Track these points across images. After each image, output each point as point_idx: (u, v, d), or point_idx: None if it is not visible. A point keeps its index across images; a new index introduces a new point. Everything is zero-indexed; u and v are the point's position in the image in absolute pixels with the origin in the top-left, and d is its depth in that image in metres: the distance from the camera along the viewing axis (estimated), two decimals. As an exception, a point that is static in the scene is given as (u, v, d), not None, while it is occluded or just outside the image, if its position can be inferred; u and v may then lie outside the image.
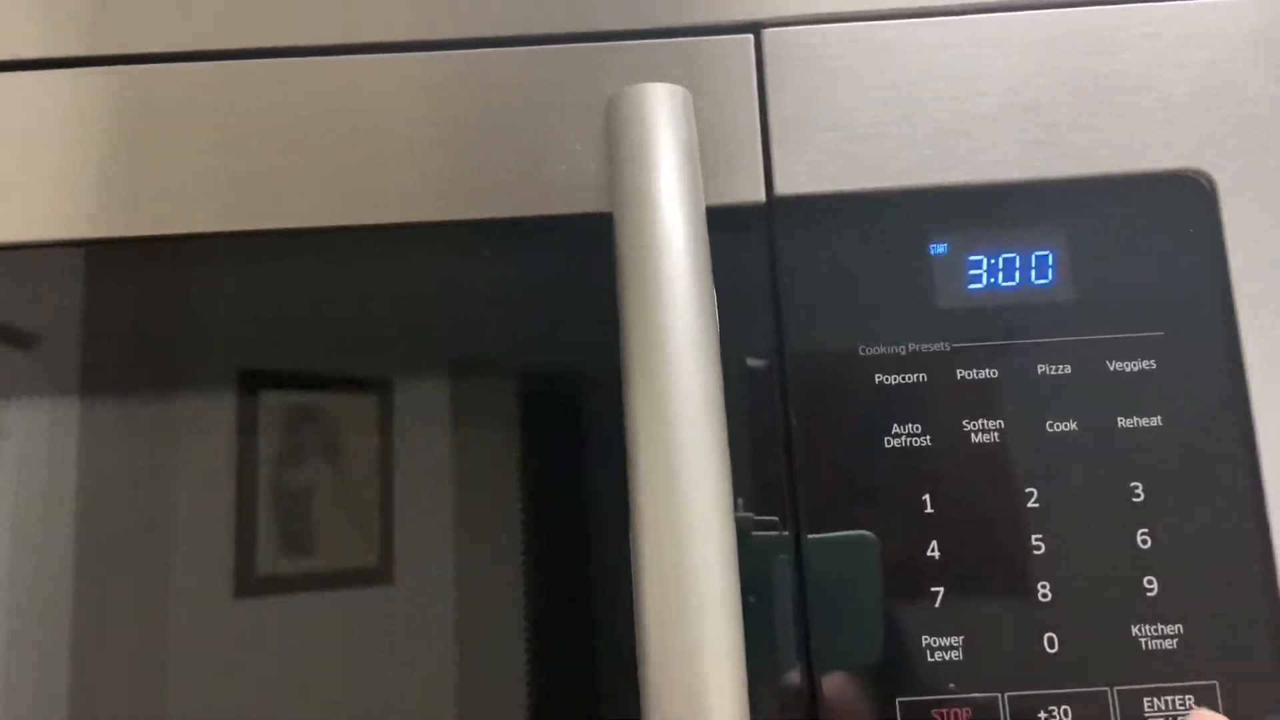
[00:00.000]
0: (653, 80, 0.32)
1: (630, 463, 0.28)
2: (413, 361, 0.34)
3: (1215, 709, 0.30)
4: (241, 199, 0.34)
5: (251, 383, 0.33)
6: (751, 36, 0.35)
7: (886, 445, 0.32)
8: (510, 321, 0.34)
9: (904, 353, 0.33)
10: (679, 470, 0.27)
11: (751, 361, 0.32)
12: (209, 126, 0.35)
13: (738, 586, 0.27)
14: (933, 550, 0.32)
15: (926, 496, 0.32)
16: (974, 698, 0.30)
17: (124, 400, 0.34)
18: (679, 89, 0.32)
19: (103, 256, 0.35)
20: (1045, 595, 0.31)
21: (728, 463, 0.28)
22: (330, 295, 0.34)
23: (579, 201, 0.34)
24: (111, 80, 0.35)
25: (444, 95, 0.35)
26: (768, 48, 0.35)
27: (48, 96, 0.35)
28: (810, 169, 0.34)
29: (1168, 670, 0.31)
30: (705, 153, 0.32)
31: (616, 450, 0.28)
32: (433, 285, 0.34)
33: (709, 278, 0.29)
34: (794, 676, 0.31)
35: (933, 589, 0.31)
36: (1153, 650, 0.31)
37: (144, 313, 0.34)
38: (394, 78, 0.35)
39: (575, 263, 0.34)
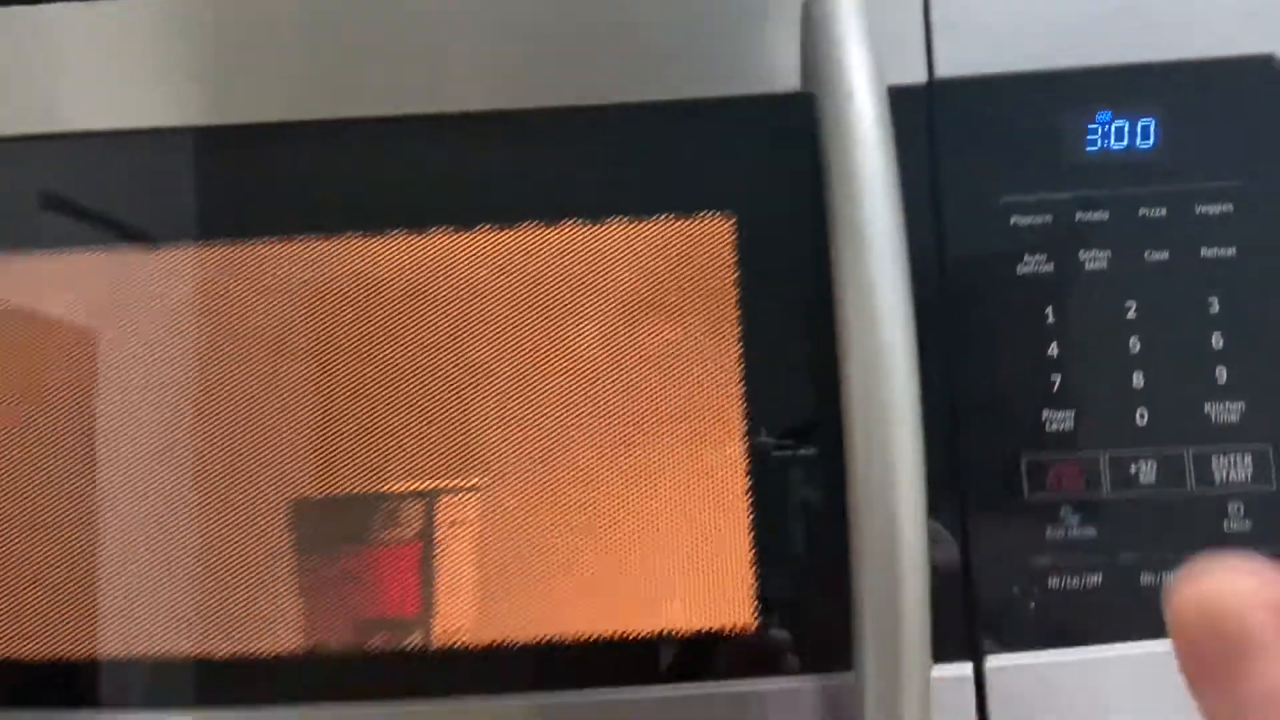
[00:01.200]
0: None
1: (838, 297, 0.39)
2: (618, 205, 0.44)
3: (1267, 467, 0.41)
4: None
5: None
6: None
7: (1019, 272, 0.42)
8: (718, 183, 0.44)
9: (1033, 200, 0.42)
10: (878, 282, 0.38)
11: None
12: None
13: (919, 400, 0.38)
14: (1051, 350, 0.42)
15: (1049, 309, 0.42)
16: (1081, 455, 0.41)
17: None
18: (862, -6, 0.41)
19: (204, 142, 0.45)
20: (1139, 384, 0.42)
21: (909, 279, 0.38)
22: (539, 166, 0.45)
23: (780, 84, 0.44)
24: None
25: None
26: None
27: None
28: (961, 57, 0.43)
29: (1231, 436, 0.41)
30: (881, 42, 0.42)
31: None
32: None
33: (892, 143, 0.39)
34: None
35: (1051, 376, 0.42)
36: (1220, 422, 0.41)
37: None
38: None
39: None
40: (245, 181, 0.45)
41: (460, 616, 0.42)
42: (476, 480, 0.43)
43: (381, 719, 0.42)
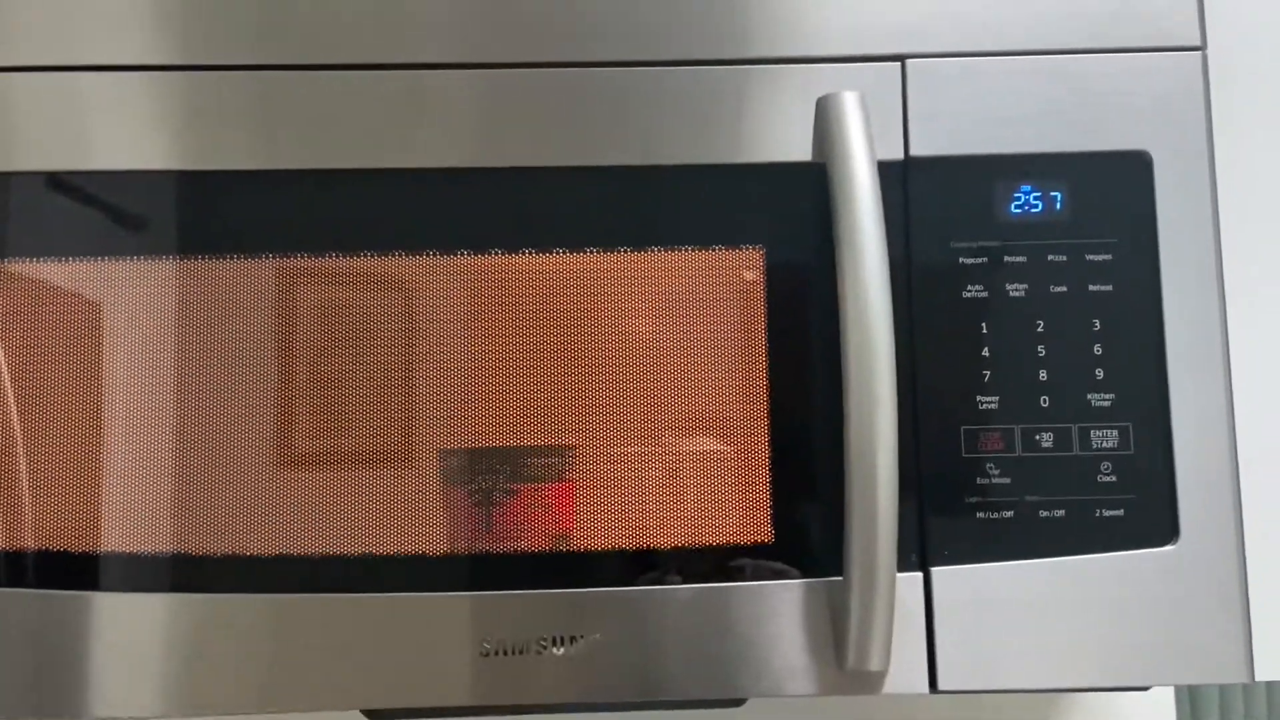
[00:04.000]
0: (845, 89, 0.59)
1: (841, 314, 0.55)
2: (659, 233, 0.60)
3: (1128, 438, 0.58)
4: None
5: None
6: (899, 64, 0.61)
7: (963, 296, 0.60)
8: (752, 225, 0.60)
9: (975, 246, 0.60)
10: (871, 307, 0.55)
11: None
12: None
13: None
14: (985, 352, 0.59)
15: (984, 323, 0.59)
16: (1002, 427, 0.58)
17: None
18: (861, 95, 0.58)
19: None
20: (1044, 378, 0.59)
21: (889, 303, 0.55)
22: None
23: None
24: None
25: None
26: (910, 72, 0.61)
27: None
28: (928, 141, 0.60)
29: (1104, 417, 0.58)
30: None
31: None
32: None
33: (880, 201, 0.56)
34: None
35: (983, 371, 0.59)
36: (1097, 406, 0.59)
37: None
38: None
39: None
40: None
41: (586, 535, 0.58)
42: (571, 439, 0.59)
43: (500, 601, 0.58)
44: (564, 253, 0.60)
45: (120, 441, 0.59)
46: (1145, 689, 0.61)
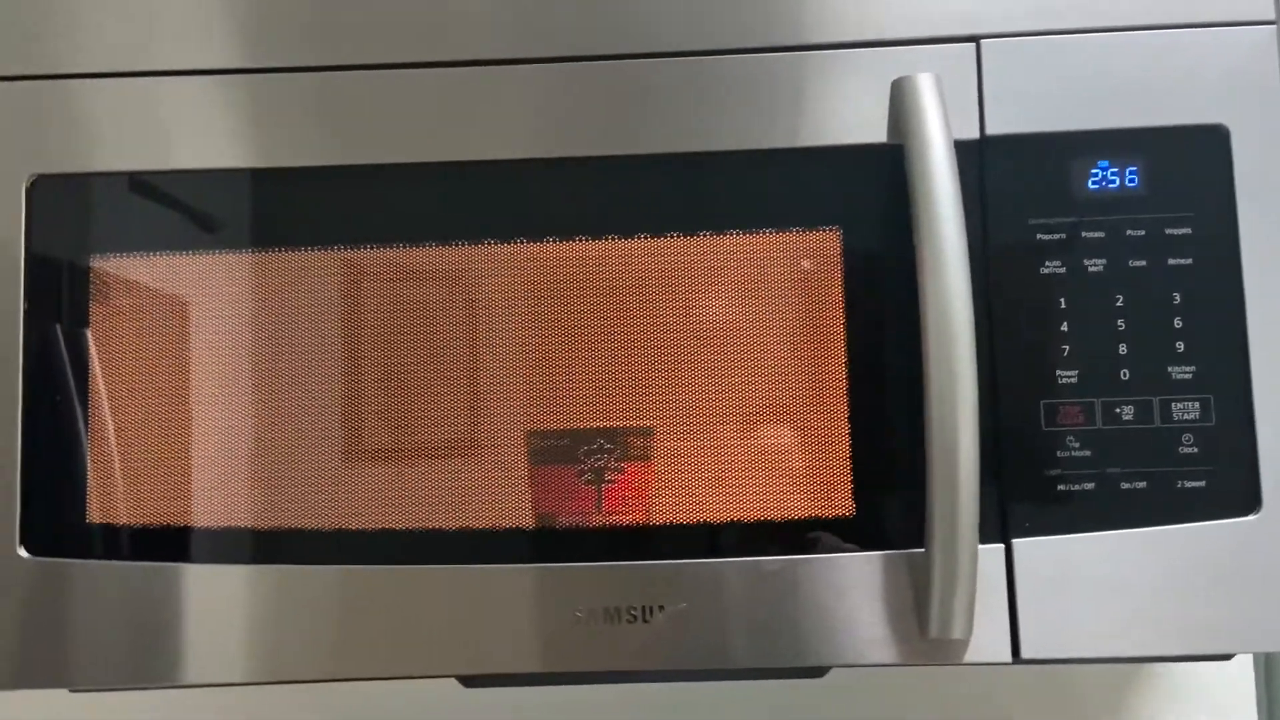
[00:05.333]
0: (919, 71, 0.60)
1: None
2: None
3: (1209, 410, 0.59)
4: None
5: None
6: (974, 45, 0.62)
7: (1041, 273, 0.60)
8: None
9: (1052, 223, 0.61)
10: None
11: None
12: None
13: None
14: (1063, 327, 0.60)
15: (1062, 299, 0.60)
16: (1081, 400, 0.59)
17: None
18: (937, 76, 0.59)
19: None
20: (1123, 352, 0.60)
21: (969, 281, 0.56)
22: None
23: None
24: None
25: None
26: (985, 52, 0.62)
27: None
28: (1004, 120, 0.61)
29: (1185, 389, 0.59)
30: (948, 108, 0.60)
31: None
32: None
33: (958, 181, 0.57)
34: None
35: (1062, 346, 0.60)
36: (1178, 379, 0.59)
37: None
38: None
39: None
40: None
41: (662, 509, 0.60)
42: (656, 420, 0.61)
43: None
44: (646, 238, 0.62)
45: (205, 424, 0.62)
46: (1226, 658, 0.62)
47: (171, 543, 0.62)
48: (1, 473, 0.61)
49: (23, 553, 0.61)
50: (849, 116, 0.62)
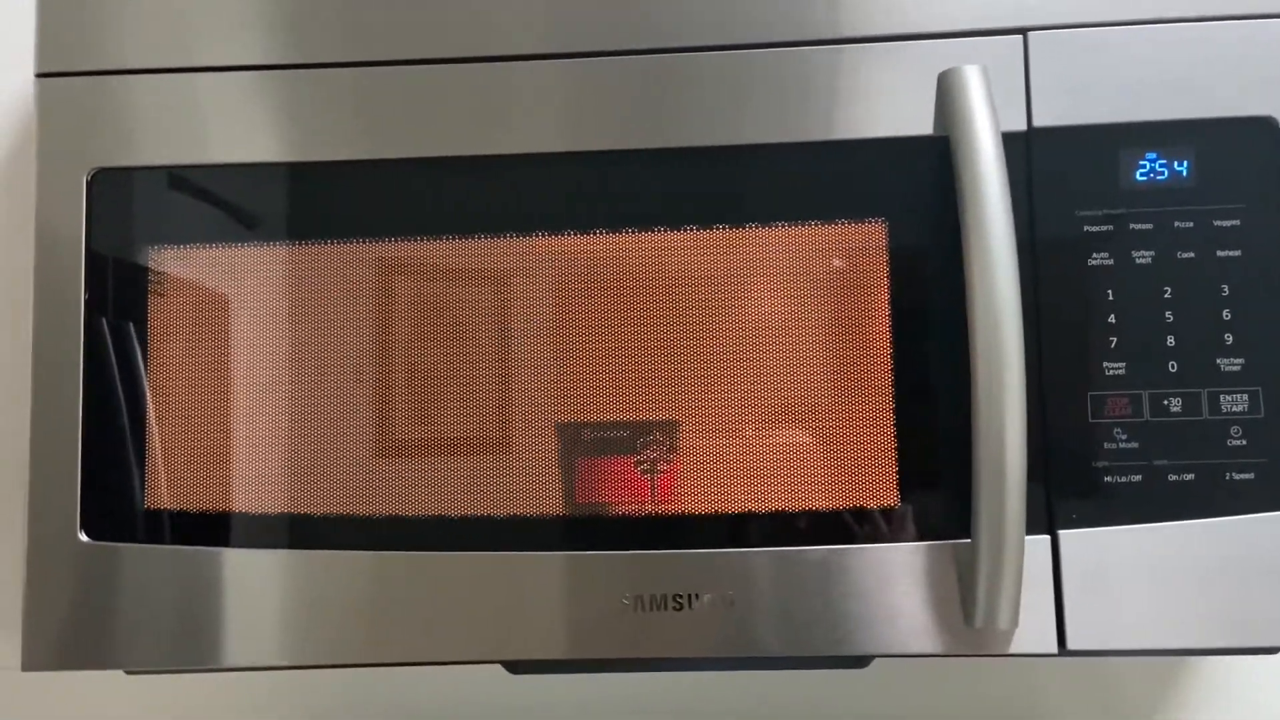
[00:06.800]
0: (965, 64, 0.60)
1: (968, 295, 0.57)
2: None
3: (1258, 402, 0.58)
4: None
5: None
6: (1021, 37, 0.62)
7: (1089, 264, 0.60)
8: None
9: (1100, 214, 0.60)
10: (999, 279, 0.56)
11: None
12: None
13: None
14: (1110, 319, 0.60)
15: (1110, 291, 0.60)
16: (1129, 392, 0.59)
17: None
18: (984, 68, 0.59)
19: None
20: (1171, 344, 0.60)
21: (1016, 272, 0.56)
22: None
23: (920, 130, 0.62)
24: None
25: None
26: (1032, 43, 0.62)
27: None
28: (1051, 112, 0.61)
29: (1234, 382, 0.59)
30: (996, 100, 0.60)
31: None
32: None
33: (1005, 173, 0.57)
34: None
35: (1110, 337, 0.60)
36: (1226, 371, 0.59)
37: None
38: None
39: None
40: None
41: (707, 499, 0.61)
42: (697, 412, 0.61)
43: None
44: (694, 229, 0.62)
45: (249, 413, 0.63)
46: (1273, 651, 0.61)
47: (219, 528, 0.63)
48: (64, 459, 0.63)
49: (83, 536, 0.63)
50: (903, 109, 0.62)
